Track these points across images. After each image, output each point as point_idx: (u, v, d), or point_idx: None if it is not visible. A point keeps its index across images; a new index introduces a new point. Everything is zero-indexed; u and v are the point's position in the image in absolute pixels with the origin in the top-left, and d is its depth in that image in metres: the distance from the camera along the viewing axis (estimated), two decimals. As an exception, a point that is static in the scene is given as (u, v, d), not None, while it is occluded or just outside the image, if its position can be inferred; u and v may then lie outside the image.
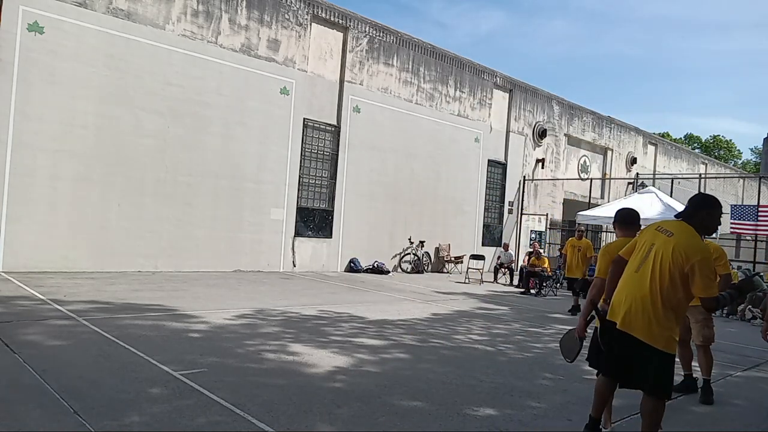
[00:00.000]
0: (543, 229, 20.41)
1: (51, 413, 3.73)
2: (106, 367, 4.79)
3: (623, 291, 3.60)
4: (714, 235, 14.82)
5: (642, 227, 4.16)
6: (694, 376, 5.51)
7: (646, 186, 21.09)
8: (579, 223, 14.58)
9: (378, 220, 16.03)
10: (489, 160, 19.43)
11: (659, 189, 17.68)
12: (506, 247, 17.15)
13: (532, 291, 13.60)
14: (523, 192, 20.77)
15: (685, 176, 25.19)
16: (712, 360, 5.33)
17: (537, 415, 4.44)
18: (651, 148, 27.97)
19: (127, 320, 6.76)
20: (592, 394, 3.80)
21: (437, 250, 17.70)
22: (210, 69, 12.52)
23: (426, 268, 17.03)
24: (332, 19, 14.88)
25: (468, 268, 15.82)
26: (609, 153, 25.13)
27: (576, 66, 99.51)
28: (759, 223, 16.16)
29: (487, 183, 19.39)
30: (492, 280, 15.97)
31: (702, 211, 3.57)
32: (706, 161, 34.49)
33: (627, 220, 4.65)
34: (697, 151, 46.12)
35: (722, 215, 3.83)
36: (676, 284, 3.40)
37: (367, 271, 15.36)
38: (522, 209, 20.68)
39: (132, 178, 11.51)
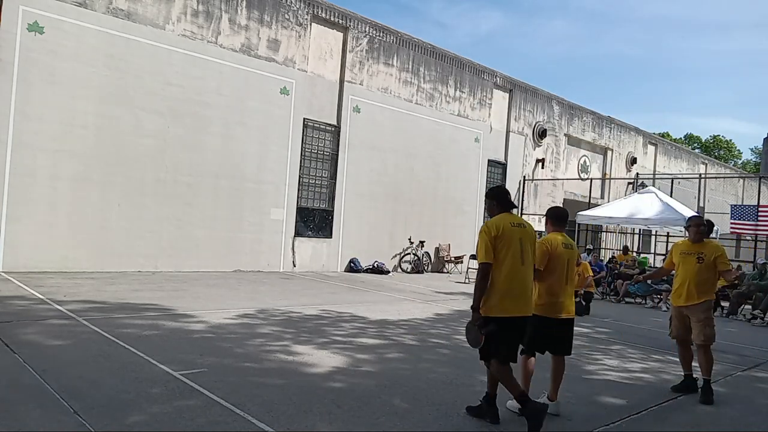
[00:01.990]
0: (543, 229, 20.38)
1: (51, 413, 3.73)
2: (106, 367, 4.79)
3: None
4: (714, 235, 14.84)
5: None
6: (694, 376, 5.51)
7: (646, 186, 21.10)
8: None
9: (378, 220, 16.02)
10: (489, 160, 19.43)
11: (659, 189, 17.69)
12: None
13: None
14: (523, 192, 20.78)
15: (685, 176, 25.20)
16: (712, 360, 5.32)
17: (537, 415, 4.43)
18: (651, 148, 27.97)
19: (127, 320, 6.76)
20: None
21: (437, 250, 17.70)
22: (210, 69, 12.51)
23: (426, 268, 17.03)
24: (332, 19, 14.88)
25: (468, 268, 15.82)
26: (609, 153, 25.13)
27: (576, 66, 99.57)
28: (759, 223, 16.17)
29: (487, 183, 19.38)
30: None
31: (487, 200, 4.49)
32: (706, 161, 34.48)
33: (560, 216, 4.91)
34: (697, 151, 46.12)
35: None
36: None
37: (367, 271, 15.36)
38: (522, 209, 20.68)
39: (132, 178, 11.51)
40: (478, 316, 3.99)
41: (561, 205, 5.17)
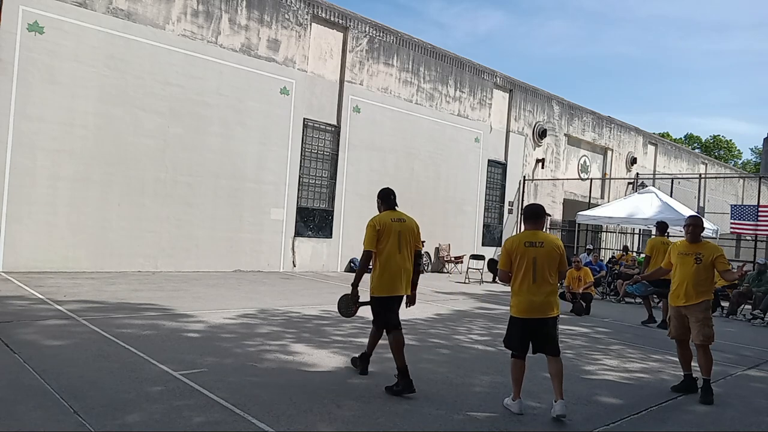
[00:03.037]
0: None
1: (51, 413, 3.73)
2: (106, 367, 4.79)
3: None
4: (713, 236, 14.84)
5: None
6: (694, 376, 5.51)
7: (646, 186, 21.10)
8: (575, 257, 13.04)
9: (378, 220, 15.98)
10: (489, 160, 19.43)
11: (659, 189, 17.69)
12: None
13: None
14: (523, 192, 20.77)
15: (685, 176, 25.20)
16: (711, 360, 5.32)
17: (537, 415, 4.44)
18: (651, 148, 27.96)
19: (126, 320, 6.76)
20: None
21: (437, 250, 17.69)
22: (210, 69, 12.51)
23: (426, 268, 17.02)
24: (332, 19, 14.88)
25: (468, 268, 15.82)
26: (609, 153, 25.13)
27: (576, 66, 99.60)
28: (759, 223, 16.17)
29: (487, 183, 19.39)
30: (492, 280, 15.97)
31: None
32: (706, 161, 34.47)
33: (530, 214, 4.70)
34: (697, 151, 46.10)
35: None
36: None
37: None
38: (522, 209, 20.66)
39: (132, 178, 11.51)
40: (355, 292, 5.04)
41: (536, 203, 4.88)
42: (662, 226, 10.01)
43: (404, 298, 5.01)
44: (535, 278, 4.40)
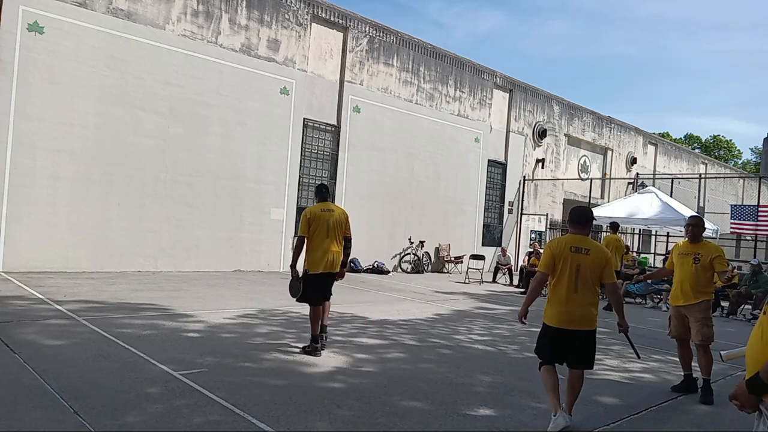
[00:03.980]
0: (543, 229, 20.41)
1: (51, 413, 3.73)
2: (106, 367, 4.79)
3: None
4: (713, 236, 14.84)
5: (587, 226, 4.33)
6: (694, 376, 5.51)
7: (646, 186, 21.10)
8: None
9: (378, 220, 16.02)
10: (489, 160, 19.43)
11: (659, 189, 17.69)
12: (504, 252, 16.97)
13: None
14: (523, 192, 20.77)
15: (685, 176, 25.20)
16: (712, 360, 5.32)
17: (537, 415, 4.43)
18: (651, 148, 27.96)
19: (126, 320, 6.76)
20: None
21: (437, 250, 17.69)
22: (210, 69, 12.51)
23: (426, 268, 17.02)
24: (332, 19, 14.88)
25: (468, 268, 15.82)
26: (609, 153, 25.12)
27: (576, 66, 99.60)
28: (759, 223, 16.17)
29: (487, 183, 19.39)
30: (491, 280, 15.97)
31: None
32: (706, 161, 34.46)
33: (575, 218, 4.36)
34: (697, 151, 46.10)
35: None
36: None
37: (367, 271, 15.36)
38: (522, 209, 20.67)
39: (132, 178, 11.51)
40: (294, 271, 5.96)
41: (584, 206, 4.43)
42: (614, 225, 12.07)
43: (335, 275, 5.99)
44: (576, 287, 4.05)
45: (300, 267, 5.94)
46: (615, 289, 4.26)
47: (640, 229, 22.28)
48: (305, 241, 5.81)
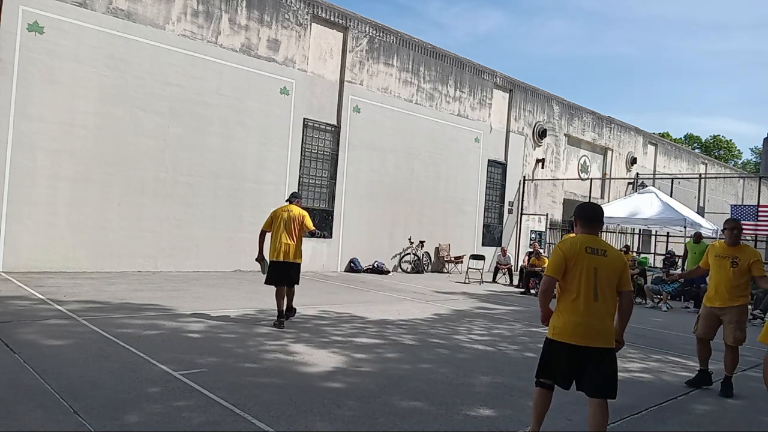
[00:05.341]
0: (543, 229, 20.42)
1: (51, 413, 3.73)
2: (106, 367, 4.79)
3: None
4: (713, 236, 14.83)
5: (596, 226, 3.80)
6: (709, 370, 5.56)
7: (646, 186, 21.10)
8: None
9: (378, 220, 16.02)
10: (489, 160, 19.43)
11: (659, 189, 17.69)
12: (504, 252, 16.96)
13: (532, 291, 13.58)
14: (523, 192, 20.77)
15: (685, 176, 25.22)
16: (738, 360, 5.42)
17: (537, 415, 4.43)
18: (651, 148, 27.96)
19: (126, 320, 6.76)
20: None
21: (437, 250, 17.69)
22: (210, 69, 12.51)
23: (426, 268, 17.02)
24: (332, 19, 14.88)
25: (468, 268, 15.82)
26: (609, 153, 25.13)
27: (576, 66, 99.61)
28: (759, 223, 16.18)
29: (487, 183, 19.39)
30: (491, 280, 15.97)
31: None
32: (706, 161, 34.47)
33: (595, 216, 3.87)
34: (697, 151, 46.11)
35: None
36: None
37: (367, 271, 15.36)
38: (522, 209, 20.68)
39: (132, 178, 11.51)
40: (261, 256, 7.46)
41: (593, 203, 3.97)
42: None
43: (292, 264, 7.27)
44: (596, 296, 3.47)
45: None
46: (631, 300, 3.60)
47: (640, 229, 22.28)
48: (265, 234, 7.46)
